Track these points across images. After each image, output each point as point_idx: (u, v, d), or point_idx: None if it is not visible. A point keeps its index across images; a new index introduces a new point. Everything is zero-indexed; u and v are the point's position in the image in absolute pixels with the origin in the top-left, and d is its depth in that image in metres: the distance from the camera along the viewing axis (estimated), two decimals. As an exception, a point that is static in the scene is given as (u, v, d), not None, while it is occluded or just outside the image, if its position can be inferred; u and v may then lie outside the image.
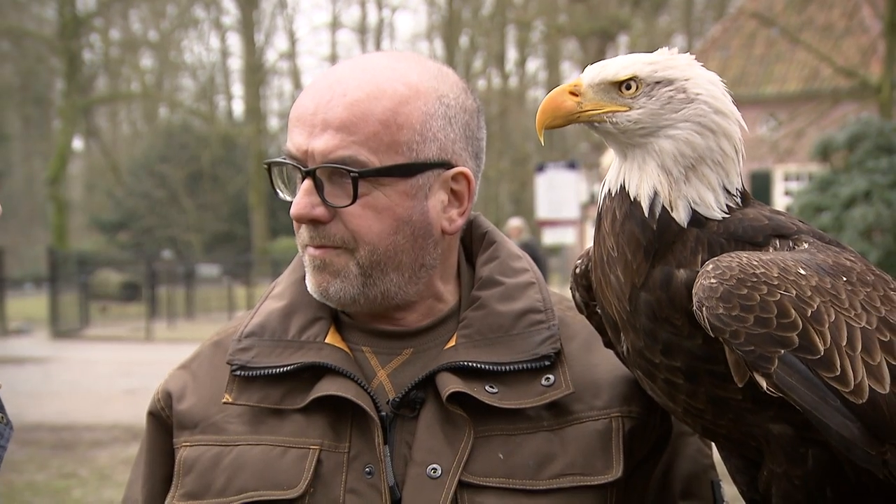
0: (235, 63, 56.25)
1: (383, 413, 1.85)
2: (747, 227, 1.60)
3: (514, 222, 17.36)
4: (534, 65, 54.20)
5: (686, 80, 1.61)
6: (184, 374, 2.02)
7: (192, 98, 53.08)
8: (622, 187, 1.64)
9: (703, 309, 1.50)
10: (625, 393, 1.90)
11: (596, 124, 1.63)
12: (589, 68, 1.64)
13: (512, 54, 51.42)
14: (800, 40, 21.84)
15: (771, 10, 24.12)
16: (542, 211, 20.78)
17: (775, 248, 1.59)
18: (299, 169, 1.83)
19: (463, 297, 1.99)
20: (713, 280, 1.50)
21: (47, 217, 44.10)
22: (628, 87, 1.61)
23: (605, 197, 1.67)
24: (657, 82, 1.61)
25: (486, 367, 1.85)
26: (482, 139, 1.97)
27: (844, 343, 1.47)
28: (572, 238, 20.79)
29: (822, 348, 1.46)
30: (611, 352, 1.89)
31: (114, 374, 18.18)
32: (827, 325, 1.47)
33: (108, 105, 52.37)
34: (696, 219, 1.60)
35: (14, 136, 57.42)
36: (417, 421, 1.85)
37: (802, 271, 1.51)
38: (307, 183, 1.82)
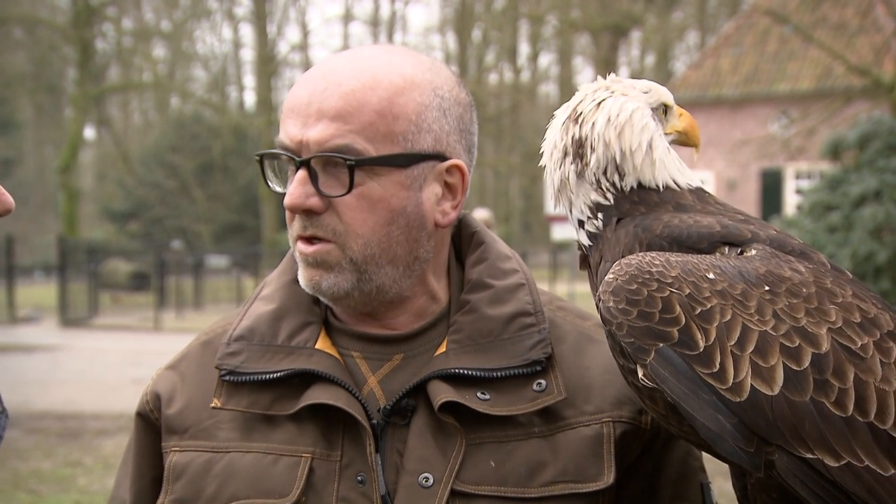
0: (247, 54, 56.29)
1: (374, 421, 1.83)
2: (693, 233, 1.65)
3: (481, 214, 12.55)
4: (546, 59, 54.26)
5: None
6: (172, 376, 2.00)
7: (204, 89, 53.11)
8: None
9: (600, 302, 1.58)
10: (616, 396, 1.88)
11: None
12: None
13: (524, 49, 51.49)
14: (813, 38, 21.72)
15: (784, 7, 24.02)
16: (552, 206, 20.75)
17: (722, 255, 1.63)
18: (293, 159, 1.80)
19: (452, 299, 1.96)
20: (611, 275, 1.58)
21: (58, 205, 44.18)
22: None
23: None
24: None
25: (478, 373, 1.83)
26: (475, 134, 1.94)
27: (732, 343, 1.50)
28: (581, 234, 20.70)
29: (702, 344, 1.51)
30: (602, 353, 1.89)
31: (122, 364, 18.23)
32: (715, 325, 1.51)
33: (119, 94, 52.49)
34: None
35: (26, 123, 57.56)
36: (409, 429, 1.83)
37: (711, 275, 1.55)
38: (301, 173, 1.79)
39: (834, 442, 1.47)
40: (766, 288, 1.55)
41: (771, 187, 33.16)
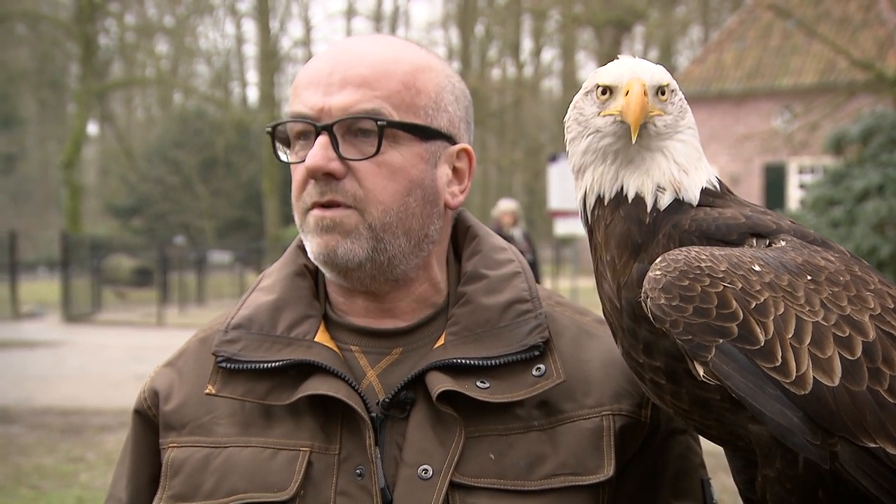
0: (250, 50, 56.29)
1: (373, 414, 1.83)
2: (721, 226, 1.63)
3: (505, 204, 13.60)
4: (549, 54, 54.24)
5: (677, 88, 1.68)
6: (170, 373, 1.99)
7: (207, 84, 53.02)
8: (620, 191, 1.67)
9: (648, 300, 1.55)
10: (615, 390, 1.89)
11: (647, 125, 1.63)
12: (637, 69, 1.64)
13: (527, 44, 51.40)
14: (816, 32, 21.68)
15: (787, 1, 23.95)
16: (555, 201, 20.72)
17: (751, 247, 1.61)
18: (314, 125, 1.82)
19: (451, 294, 1.97)
20: (658, 272, 1.55)
21: (61, 201, 44.20)
22: (663, 93, 1.65)
23: (594, 207, 1.70)
24: (672, 91, 1.67)
25: (476, 362, 1.83)
26: (472, 128, 2.00)
27: (790, 335, 1.49)
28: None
29: (762, 339, 1.49)
30: (601, 348, 1.90)
31: (124, 359, 18.22)
32: (772, 318, 1.49)
33: (123, 90, 52.45)
34: (687, 209, 1.65)
35: (29, 119, 57.61)
36: (408, 421, 1.83)
37: (757, 267, 1.54)
38: (323, 138, 1.81)
39: (893, 429, 1.48)
40: (809, 278, 1.55)
41: (774, 182, 33.15)
